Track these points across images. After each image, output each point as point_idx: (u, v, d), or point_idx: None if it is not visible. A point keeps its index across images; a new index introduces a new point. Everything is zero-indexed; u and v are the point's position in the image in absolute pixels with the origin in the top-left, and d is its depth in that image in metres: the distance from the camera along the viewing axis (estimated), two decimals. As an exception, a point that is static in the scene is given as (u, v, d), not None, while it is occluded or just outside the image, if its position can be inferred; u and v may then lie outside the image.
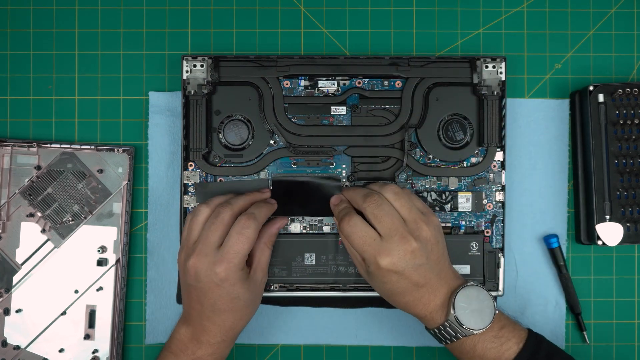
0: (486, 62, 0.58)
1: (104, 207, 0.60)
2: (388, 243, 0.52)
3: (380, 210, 0.52)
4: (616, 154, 0.58)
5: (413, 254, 0.51)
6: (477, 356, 0.52)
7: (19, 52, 0.62)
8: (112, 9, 0.62)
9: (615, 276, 0.62)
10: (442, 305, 0.53)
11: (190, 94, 0.58)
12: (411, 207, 0.53)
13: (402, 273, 0.51)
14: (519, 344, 0.52)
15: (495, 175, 0.59)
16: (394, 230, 0.52)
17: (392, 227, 0.52)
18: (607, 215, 0.58)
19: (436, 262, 0.53)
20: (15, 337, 0.59)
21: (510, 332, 0.52)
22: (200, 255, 0.52)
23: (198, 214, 0.54)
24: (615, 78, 0.62)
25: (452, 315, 0.51)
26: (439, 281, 0.53)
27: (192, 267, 0.52)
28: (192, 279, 0.52)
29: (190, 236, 0.53)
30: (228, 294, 0.52)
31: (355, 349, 0.61)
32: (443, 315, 0.52)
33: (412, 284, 0.52)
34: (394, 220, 0.52)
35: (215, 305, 0.52)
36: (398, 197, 0.54)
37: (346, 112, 0.59)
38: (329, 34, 0.62)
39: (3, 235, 0.60)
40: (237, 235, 0.52)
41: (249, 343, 0.61)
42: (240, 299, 0.53)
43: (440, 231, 0.54)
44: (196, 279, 0.52)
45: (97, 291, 0.60)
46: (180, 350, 0.53)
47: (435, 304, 0.53)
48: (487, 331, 0.52)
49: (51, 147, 0.60)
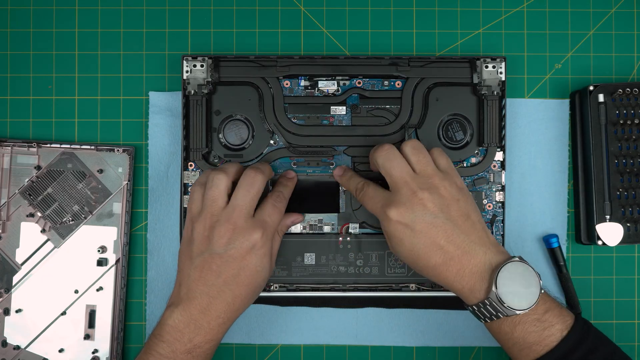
0: (486, 62, 0.58)
1: (104, 207, 0.60)
2: (396, 195, 0.51)
3: (390, 162, 0.51)
4: (616, 154, 0.58)
5: (424, 205, 0.49)
6: (516, 338, 0.49)
7: (19, 52, 0.62)
8: (112, 9, 0.62)
9: (615, 276, 0.62)
10: (481, 277, 0.49)
11: (190, 94, 0.58)
12: (428, 163, 0.52)
13: (414, 226, 0.49)
14: (563, 332, 0.48)
15: (495, 175, 0.59)
16: (402, 183, 0.51)
17: (400, 180, 0.51)
18: (607, 215, 0.58)
19: (461, 220, 0.50)
20: (15, 337, 0.59)
21: (556, 316, 0.48)
22: (239, 221, 0.51)
23: (219, 184, 0.52)
24: (615, 78, 0.62)
25: (494, 293, 0.48)
26: (470, 244, 0.49)
27: (225, 232, 0.50)
28: (221, 246, 0.50)
29: (216, 204, 0.52)
30: (255, 265, 0.51)
31: (355, 349, 0.62)
32: (483, 291, 0.49)
33: (431, 240, 0.49)
34: (402, 172, 0.51)
35: (237, 276, 0.51)
36: (415, 151, 0.52)
37: (346, 112, 0.59)
38: (329, 34, 0.62)
39: (3, 235, 0.60)
40: (272, 207, 0.53)
41: (249, 343, 0.61)
42: (261, 275, 0.52)
43: (462, 191, 0.52)
44: (227, 245, 0.50)
45: (97, 291, 0.60)
46: (174, 338, 0.50)
47: (472, 272, 0.49)
48: (529, 313, 0.48)
49: (51, 147, 0.60)
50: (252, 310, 0.61)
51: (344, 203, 0.59)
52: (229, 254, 0.51)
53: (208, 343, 0.51)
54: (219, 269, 0.51)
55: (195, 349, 0.50)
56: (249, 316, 0.61)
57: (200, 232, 0.52)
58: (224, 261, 0.51)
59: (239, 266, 0.51)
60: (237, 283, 0.51)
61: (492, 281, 0.48)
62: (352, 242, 0.59)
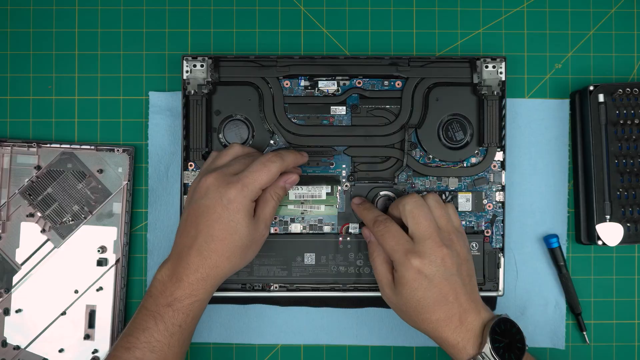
0: (486, 62, 0.58)
1: (104, 207, 0.60)
2: (421, 245, 0.52)
3: (420, 211, 0.53)
4: (616, 154, 0.58)
5: (444, 260, 0.51)
6: None
7: (19, 52, 0.62)
8: (112, 9, 0.62)
9: (615, 276, 0.62)
10: (474, 334, 0.51)
11: (190, 94, 0.58)
12: (449, 220, 0.54)
13: (432, 279, 0.51)
14: None
15: (495, 175, 0.59)
16: (429, 234, 0.52)
17: (427, 231, 0.52)
18: (607, 215, 0.58)
19: (467, 280, 0.52)
20: (15, 337, 0.59)
21: None
22: (219, 175, 0.52)
23: (231, 148, 0.55)
24: (615, 78, 0.62)
25: (487, 347, 0.50)
26: (470, 303, 0.52)
27: (205, 182, 0.52)
28: (200, 195, 0.52)
29: (217, 161, 0.54)
30: (228, 220, 0.51)
31: (355, 349, 0.61)
32: (476, 346, 0.51)
33: (442, 295, 0.51)
34: (430, 224, 0.52)
35: (211, 228, 0.51)
36: (439, 206, 0.54)
37: (346, 112, 0.59)
38: (329, 34, 0.62)
39: (3, 235, 0.60)
40: (259, 165, 0.52)
41: (249, 343, 0.61)
42: (238, 232, 0.51)
43: (470, 253, 0.54)
44: (205, 194, 0.51)
45: (97, 291, 0.60)
46: (159, 292, 0.51)
47: (467, 329, 0.51)
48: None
49: (51, 147, 0.60)
50: (252, 310, 0.61)
51: (344, 203, 0.59)
52: (204, 203, 0.51)
53: (188, 298, 0.51)
54: (196, 219, 0.51)
55: (175, 303, 0.51)
56: (249, 316, 0.61)
57: (194, 184, 0.54)
58: (200, 211, 0.51)
59: (212, 217, 0.51)
60: (210, 235, 0.51)
61: (485, 337, 0.50)
62: (352, 242, 0.59)
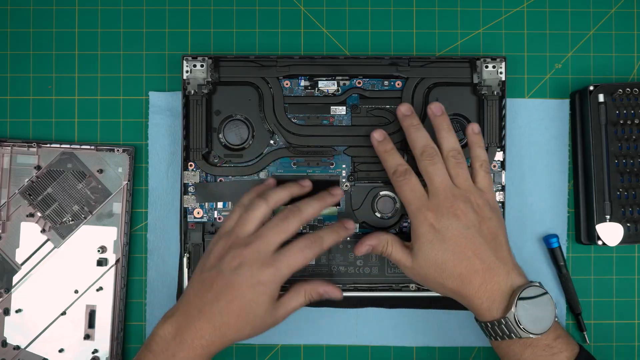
0: (486, 62, 0.58)
1: (104, 207, 0.60)
2: (434, 199, 0.52)
3: (435, 168, 0.53)
4: (616, 154, 0.58)
5: (456, 215, 0.51)
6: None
7: (19, 52, 0.62)
8: (112, 9, 0.62)
9: (615, 276, 0.62)
10: (501, 296, 0.50)
11: (190, 94, 0.58)
12: (467, 178, 0.53)
13: (445, 232, 0.51)
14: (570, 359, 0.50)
15: (495, 175, 0.59)
16: (442, 190, 0.52)
17: (440, 187, 0.52)
18: (607, 215, 0.58)
19: (490, 238, 0.51)
20: (15, 337, 0.59)
21: (564, 344, 0.50)
22: (254, 251, 0.50)
23: (255, 208, 0.52)
24: (615, 78, 0.62)
25: (512, 313, 0.49)
26: (496, 262, 0.51)
27: (237, 256, 0.50)
28: (230, 268, 0.50)
29: (244, 228, 0.52)
30: (250, 300, 0.50)
31: (355, 349, 0.61)
32: (501, 310, 0.50)
33: (459, 249, 0.50)
34: (443, 180, 0.52)
35: (230, 304, 0.50)
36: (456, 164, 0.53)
37: (346, 112, 0.59)
38: (329, 34, 0.62)
39: (3, 235, 0.60)
40: (298, 251, 0.51)
41: (249, 343, 0.61)
42: (255, 313, 0.50)
43: (495, 212, 0.53)
44: (235, 269, 0.50)
45: (97, 291, 0.60)
46: (160, 349, 0.49)
47: (493, 289, 0.50)
48: (541, 338, 0.49)
49: (51, 147, 0.60)
50: (252, 310, 0.61)
51: (344, 203, 0.59)
52: (231, 278, 0.50)
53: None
54: (219, 289, 0.50)
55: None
56: (249, 316, 0.61)
57: (220, 248, 0.52)
58: (224, 283, 0.50)
59: (235, 294, 0.50)
60: (228, 310, 0.50)
61: (512, 302, 0.49)
62: (352, 242, 0.59)
